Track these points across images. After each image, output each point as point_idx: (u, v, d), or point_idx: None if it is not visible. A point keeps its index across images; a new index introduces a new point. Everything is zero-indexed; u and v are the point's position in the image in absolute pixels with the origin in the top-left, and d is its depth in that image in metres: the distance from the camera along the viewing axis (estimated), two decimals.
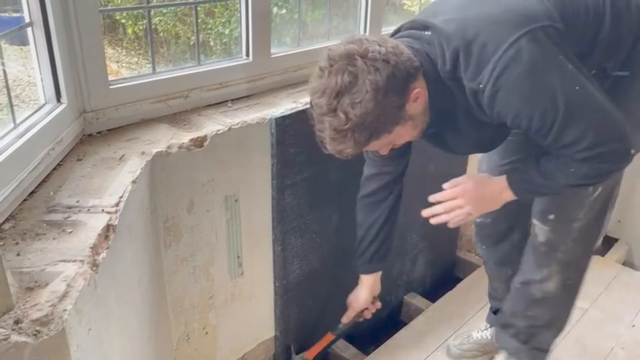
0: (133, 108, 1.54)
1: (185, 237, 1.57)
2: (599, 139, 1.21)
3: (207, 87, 1.70)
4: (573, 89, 1.18)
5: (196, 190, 1.55)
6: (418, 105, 1.23)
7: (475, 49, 1.17)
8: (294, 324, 2.00)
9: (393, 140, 1.28)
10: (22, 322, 0.82)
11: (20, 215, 1.10)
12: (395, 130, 1.23)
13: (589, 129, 1.20)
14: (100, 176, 1.27)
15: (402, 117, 1.21)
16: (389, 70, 1.14)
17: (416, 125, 1.28)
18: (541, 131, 1.21)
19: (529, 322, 1.73)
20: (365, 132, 1.17)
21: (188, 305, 1.66)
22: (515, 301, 1.75)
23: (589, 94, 1.20)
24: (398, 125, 1.23)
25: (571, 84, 1.18)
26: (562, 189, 1.35)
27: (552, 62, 1.17)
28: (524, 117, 1.20)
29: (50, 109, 1.30)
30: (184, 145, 1.47)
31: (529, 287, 1.68)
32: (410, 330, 2.23)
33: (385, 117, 1.17)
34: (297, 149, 1.73)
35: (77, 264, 0.96)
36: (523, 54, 1.14)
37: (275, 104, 1.76)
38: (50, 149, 1.25)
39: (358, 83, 1.13)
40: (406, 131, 1.27)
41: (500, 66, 1.15)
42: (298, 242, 1.88)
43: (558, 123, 1.18)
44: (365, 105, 1.13)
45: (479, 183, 1.47)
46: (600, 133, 1.21)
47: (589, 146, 1.20)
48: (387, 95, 1.15)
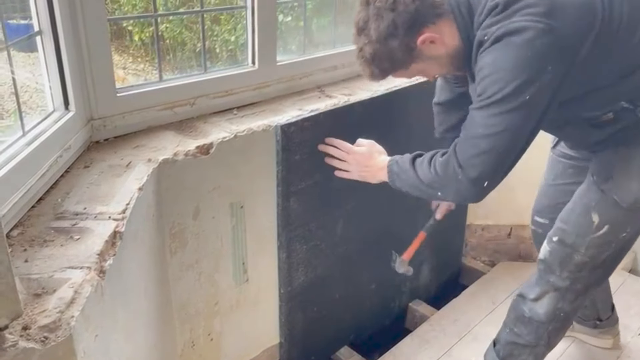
0: (140, 115, 1.55)
1: (190, 244, 1.58)
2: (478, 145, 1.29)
3: (213, 95, 1.71)
4: (524, 93, 1.22)
5: (202, 196, 1.56)
6: (437, 48, 1.33)
7: (509, 7, 1.23)
8: (298, 331, 2.00)
9: (415, 73, 1.43)
10: (30, 329, 0.83)
11: (29, 222, 1.12)
12: (413, 67, 1.38)
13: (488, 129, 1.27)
14: (107, 183, 1.28)
15: (415, 56, 1.34)
16: (390, 18, 1.28)
17: (442, 64, 1.39)
18: (479, 92, 1.28)
19: (511, 338, 1.71)
20: (380, 66, 1.36)
21: (193, 312, 1.67)
22: (509, 312, 1.75)
23: (526, 112, 1.24)
24: (415, 64, 1.37)
25: (528, 88, 1.22)
26: (417, 185, 1.44)
27: (538, 65, 1.21)
28: (486, 71, 1.26)
29: (59, 117, 1.32)
30: (190, 153, 1.48)
31: (521, 302, 1.68)
32: (415, 337, 2.22)
33: (394, 57, 1.33)
34: (302, 156, 1.74)
35: (84, 270, 0.97)
36: (525, 35, 1.19)
37: (281, 111, 1.77)
38: (58, 156, 1.26)
39: (367, 26, 1.32)
40: (429, 68, 1.40)
41: (500, 32, 1.22)
42: (303, 249, 1.88)
43: (489, 99, 1.25)
44: (373, 46, 1.32)
45: (369, 154, 1.62)
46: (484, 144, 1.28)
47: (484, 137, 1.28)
48: (390, 39, 1.30)
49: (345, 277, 2.09)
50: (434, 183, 1.39)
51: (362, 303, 2.23)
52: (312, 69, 1.99)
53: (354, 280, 2.15)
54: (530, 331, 1.66)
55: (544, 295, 1.61)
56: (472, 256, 2.80)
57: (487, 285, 2.55)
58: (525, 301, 1.66)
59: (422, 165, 1.42)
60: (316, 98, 1.92)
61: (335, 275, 2.04)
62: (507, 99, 1.23)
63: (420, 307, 2.44)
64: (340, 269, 2.05)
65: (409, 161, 1.47)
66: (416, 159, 1.46)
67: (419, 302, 2.47)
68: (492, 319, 2.32)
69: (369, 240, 2.13)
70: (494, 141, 1.27)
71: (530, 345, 1.67)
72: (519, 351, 1.70)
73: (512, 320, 1.71)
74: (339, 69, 2.10)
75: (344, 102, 1.86)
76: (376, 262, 2.22)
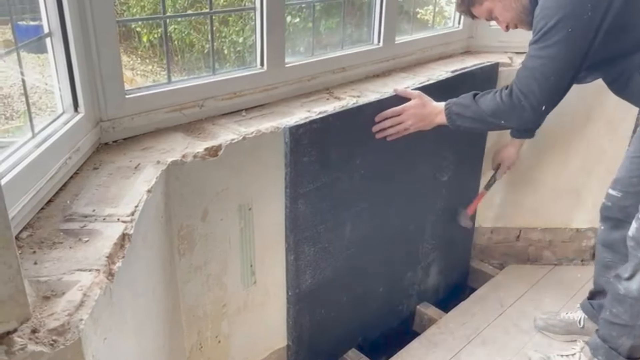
0: (148, 117, 1.55)
1: (199, 246, 1.58)
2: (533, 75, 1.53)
3: (221, 97, 1.71)
4: (567, 28, 1.46)
5: (210, 198, 1.56)
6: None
7: None
8: (306, 333, 1.99)
9: (488, 13, 1.69)
10: (39, 332, 0.83)
11: (38, 223, 1.12)
12: (486, 5, 1.67)
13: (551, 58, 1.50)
14: (116, 185, 1.28)
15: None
16: None
17: (507, 8, 1.64)
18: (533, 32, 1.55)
19: (609, 318, 1.81)
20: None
21: (201, 314, 1.67)
22: (608, 294, 1.84)
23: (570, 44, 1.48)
24: (487, 1, 1.66)
25: (568, 23, 1.46)
26: (483, 117, 1.63)
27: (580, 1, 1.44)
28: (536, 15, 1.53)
29: (68, 119, 1.32)
30: (198, 155, 1.48)
31: (617, 282, 1.76)
32: (423, 340, 2.21)
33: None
34: (310, 158, 1.73)
35: (93, 273, 0.97)
36: None
37: (289, 113, 1.76)
38: (67, 158, 1.26)
39: None
40: (498, 10, 1.67)
41: None
42: (311, 251, 1.87)
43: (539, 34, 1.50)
44: None
45: (422, 105, 1.78)
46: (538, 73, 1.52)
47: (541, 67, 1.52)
48: None
49: (353, 280, 2.08)
50: (499, 112, 1.60)
51: (370, 305, 2.22)
52: (321, 70, 1.98)
53: (362, 283, 2.14)
54: (626, 309, 1.75)
55: (637, 272, 1.69)
56: (480, 259, 2.78)
57: (496, 288, 2.53)
58: (621, 280, 1.75)
59: (486, 98, 1.62)
60: (324, 100, 1.91)
61: (343, 278, 2.03)
62: (551, 31, 1.47)
63: (428, 310, 2.43)
64: (349, 271, 2.04)
65: (469, 98, 1.66)
66: (476, 95, 1.65)
67: (427, 305, 2.46)
68: (500, 321, 2.30)
69: (378, 242, 2.12)
70: (545, 69, 1.51)
71: (628, 325, 1.76)
72: (618, 332, 1.80)
73: (609, 301, 1.81)
74: (347, 70, 2.09)
75: (353, 104, 1.85)
76: (384, 265, 2.21)
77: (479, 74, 2.27)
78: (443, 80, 2.13)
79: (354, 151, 1.87)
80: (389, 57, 2.25)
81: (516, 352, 2.13)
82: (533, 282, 2.56)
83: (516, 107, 1.57)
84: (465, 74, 2.23)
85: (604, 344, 1.85)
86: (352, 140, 1.84)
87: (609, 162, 2.44)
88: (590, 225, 2.66)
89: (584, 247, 2.73)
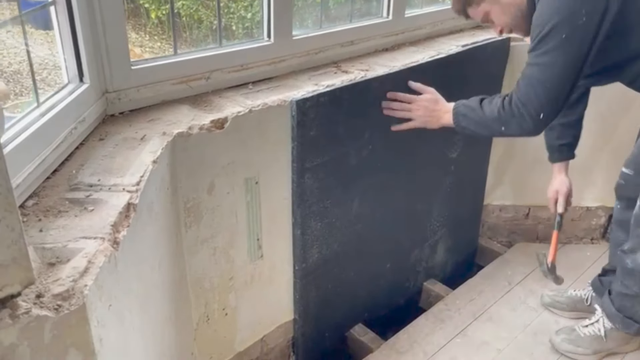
0: (154, 89, 1.54)
1: (205, 219, 1.58)
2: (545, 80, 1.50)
3: (228, 69, 1.69)
4: (561, 34, 1.44)
5: (217, 171, 1.55)
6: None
7: None
8: (313, 308, 2.00)
9: (484, 15, 1.65)
10: (43, 297, 0.83)
11: (43, 192, 1.12)
12: (483, 6, 1.63)
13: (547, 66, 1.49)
14: (122, 156, 1.28)
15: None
16: None
17: (505, 11, 1.61)
18: (530, 39, 1.53)
19: (622, 290, 1.84)
20: None
21: (208, 287, 1.68)
22: (618, 267, 1.86)
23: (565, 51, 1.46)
24: (484, 3, 1.62)
25: (562, 30, 1.43)
26: (486, 122, 1.63)
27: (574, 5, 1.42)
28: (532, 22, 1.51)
29: (73, 89, 1.31)
30: (204, 127, 1.47)
31: (624, 255, 1.79)
32: (429, 316, 2.21)
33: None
34: (317, 131, 1.71)
35: (98, 241, 0.97)
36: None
37: (297, 87, 1.75)
38: (72, 128, 1.26)
39: None
40: (495, 13, 1.63)
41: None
42: (318, 226, 1.87)
43: (534, 42, 1.49)
44: None
45: (434, 100, 1.77)
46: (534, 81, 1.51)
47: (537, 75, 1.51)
48: None
49: (361, 256, 2.08)
50: (500, 119, 1.59)
51: (376, 281, 2.22)
52: (329, 43, 1.96)
53: (369, 259, 2.14)
54: (636, 282, 1.77)
55: (638, 248, 1.73)
56: (488, 237, 2.77)
57: (504, 265, 2.52)
58: (627, 254, 1.78)
59: (490, 104, 1.62)
60: (332, 73, 1.89)
61: (350, 253, 2.03)
62: (545, 39, 1.46)
63: (435, 286, 2.43)
64: (356, 247, 2.04)
65: (476, 101, 1.65)
66: (483, 100, 1.65)
67: (434, 282, 2.46)
68: (508, 299, 2.30)
69: (385, 219, 2.11)
70: (542, 76, 1.50)
71: (639, 295, 1.79)
72: (631, 302, 1.84)
73: (620, 274, 1.84)
74: (356, 44, 2.06)
75: (361, 78, 1.83)
76: (391, 241, 2.20)
77: (489, 48, 2.23)
78: (453, 54, 2.10)
79: (362, 126, 1.85)
80: (399, 31, 2.21)
81: (523, 329, 2.13)
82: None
83: (515, 116, 1.56)
84: (475, 49, 2.19)
85: (618, 314, 1.89)
86: (360, 114, 1.82)
87: (620, 140, 2.41)
88: (601, 203, 2.64)
89: (593, 225, 2.70)
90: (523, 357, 2.00)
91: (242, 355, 1.90)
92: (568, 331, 2.02)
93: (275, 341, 2.00)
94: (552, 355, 2.00)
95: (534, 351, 2.02)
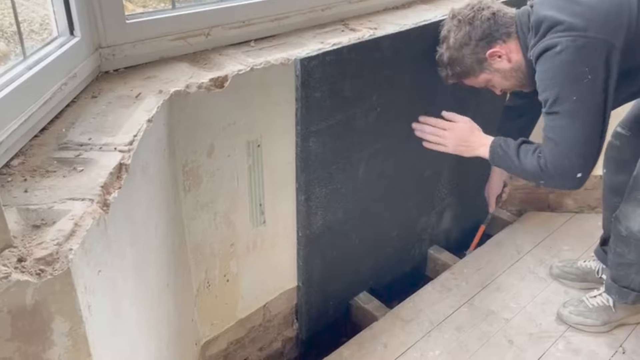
0: (151, 45, 1.46)
1: (205, 183, 1.52)
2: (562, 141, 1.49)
3: (229, 25, 1.60)
4: (570, 97, 1.45)
5: (217, 133, 1.48)
6: (502, 63, 1.61)
7: (542, 28, 1.48)
8: (317, 275, 1.95)
9: (484, 83, 1.69)
10: (25, 261, 0.78)
11: (30, 151, 1.05)
12: (483, 77, 1.66)
13: (563, 127, 1.49)
14: (115, 114, 1.21)
15: (484, 67, 1.63)
16: (466, 30, 1.59)
17: (507, 78, 1.64)
18: (542, 102, 1.53)
19: (616, 259, 1.79)
20: (454, 70, 1.66)
21: (208, 252, 1.63)
22: (612, 235, 1.81)
23: (581, 110, 1.45)
24: (483, 73, 1.65)
25: (571, 92, 1.44)
26: (524, 174, 1.63)
27: (570, 68, 1.43)
28: (537, 83, 1.52)
29: (63, 42, 1.23)
30: (203, 85, 1.39)
31: (617, 224, 1.74)
32: (436, 284, 2.17)
33: (466, 65, 1.63)
34: (323, 93, 1.63)
35: (86, 202, 0.91)
36: (561, 46, 1.43)
37: (301, 45, 1.66)
38: (62, 84, 1.18)
39: (450, 35, 1.63)
40: (497, 80, 1.66)
41: (539, 50, 1.49)
42: (322, 192, 1.81)
43: (546, 107, 1.50)
44: (450, 52, 1.64)
45: (470, 130, 1.75)
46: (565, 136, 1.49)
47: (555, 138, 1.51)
48: (464, 48, 1.61)
49: (366, 223, 2.02)
50: (539, 176, 1.57)
51: (382, 249, 2.17)
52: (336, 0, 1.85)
53: (375, 226, 2.08)
54: (631, 249, 1.73)
55: (635, 212, 1.68)
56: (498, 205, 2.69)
57: (513, 234, 2.46)
58: (620, 220, 1.73)
59: (526, 156, 1.58)
60: (339, 31, 1.79)
61: (355, 220, 1.97)
62: (555, 105, 1.47)
63: (442, 255, 2.38)
64: (361, 214, 1.98)
65: (515, 149, 1.62)
66: (521, 147, 1.61)
67: (441, 250, 2.40)
68: (516, 268, 2.25)
69: (392, 185, 2.04)
70: (567, 138, 1.49)
71: (635, 263, 1.75)
72: (625, 270, 1.79)
73: (613, 242, 1.79)
74: (365, 0, 1.96)
75: (369, 36, 1.73)
76: (398, 208, 2.14)
77: None
78: None
79: (369, 87, 1.76)
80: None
81: (531, 299, 2.08)
82: (552, 229, 2.48)
83: (555, 177, 1.55)
84: None
85: (614, 284, 1.84)
86: (368, 75, 1.74)
87: None
88: None
89: None
90: (531, 327, 1.95)
91: (244, 322, 1.86)
92: (576, 303, 1.97)
93: (278, 308, 1.97)
94: (561, 326, 1.95)
95: (542, 322, 1.98)
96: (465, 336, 1.92)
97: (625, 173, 1.80)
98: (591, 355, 1.84)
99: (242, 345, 1.89)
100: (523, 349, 1.86)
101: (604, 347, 1.87)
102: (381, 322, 1.99)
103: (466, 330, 1.95)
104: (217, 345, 1.80)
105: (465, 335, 1.93)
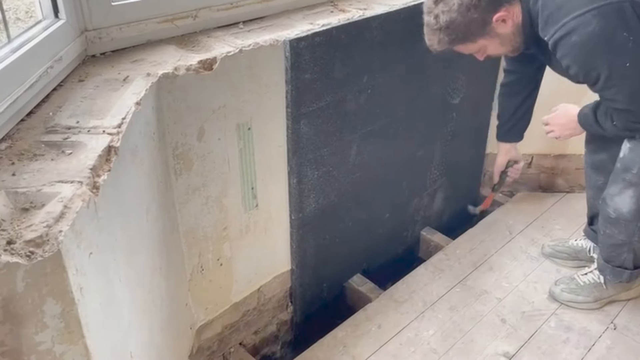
0: (138, 28, 1.44)
1: (196, 166, 1.51)
2: (631, 104, 1.47)
3: (217, 7, 1.58)
4: (623, 64, 1.40)
5: (206, 116, 1.47)
6: (506, 27, 1.51)
7: (552, 5, 1.42)
8: (310, 258, 1.96)
9: (480, 49, 1.58)
10: (14, 243, 0.77)
11: (17, 135, 1.04)
12: (480, 42, 1.54)
13: (625, 95, 1.45)
14: (103, 97, 1.19)
15: (486, 32, 1.51)
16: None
17: (504, 43, 1.56)
18: (588, 84, 1.50)
19: (607, 240, 1.79)
20: (450, 35, 1.50)
21: (201, 236, 1.62)
22: (600, 216, 1.81)
23: (637, 69, 1.40)
24: (482, 39, 1.53)
25: (622, 60, 1.39)
26: (608, 132, 1.62)
27: (610, 39, 1.37)
28: (575, 70, 1.46)
29: (48, 25, 1.22)
30: (192, 67, 1.38)
31: (605, 204, 1.74)
32: (429, 266, 2.18)
33: (467, 28, 1.48)
34: (313, 74, 1.62)
35: (75, 185, 0.90)
36: (583, 27, 1.36)
37: (290, 26, 1.64)
38: (48, 67, 1.17)
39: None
40: (493, 46, 1.56)
41: (562, 32, 1.40)
42: (314, 175, 1.80)
43: (599, 85, 1.45)
44: (451, 14, 1.46)
45: (564, 114, 1.81)
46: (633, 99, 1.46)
47: (622, 106, 1.49)
48: (471, 11, 1.45)
49: (358, 205, 2.03)
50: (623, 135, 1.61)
51: (375, 231, 2.18)
52: None
53: (367, 209, 2.08)
54: (621, 230, 1.73)
55: (622, 193, 1.67)
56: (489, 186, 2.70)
57: (505, 215, 2.48)
58: (608, 202, 1.73)
59: (606, 120, 1.59)
60: (329, 12, 1.78)
61: (347, 203, 1.97)
62: (611, 78, 1.42)
63: (434, 236, 2.39)
64: (353, 196, 1.98)
65: (592, 117, 1.64)
66: (596, 114, 1.62)
67: (434, 232, 2.41)
68: (508, 248, 2.26)
69: (384, 167, 2.04)
70: (632, 101, 1.46)
71: (625, 242, 1.75)
72: (617, 250, 1.79)
73: (602, 224, 1.79)
74: None
75: (359, 17, 1.72)
76: (390, 190, 2.14)
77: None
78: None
79: (360, 69, 1.75)
80: None
81: (523, 278, 2.10)
82: (543, 209, 2.49)
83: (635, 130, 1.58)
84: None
85: (607, 265, 1.85)
86: (358, 56, 1.73)
87: None
88: None
89: None
90: (523, 306, 1.97)
91: (239, 306, 1.87)
92: (567, 281, 1.99)
93: (272, 292, 1.97)
94: (553, 304, 1.97)
95: (534, 300, 1.99)
96: (459, 316, 1.94)
97: (606, 151, 1.82)
98: (583, 332, 1.86)
99: (236, 329, 1.90)
100: (516, 327, 1.88)
101: (596, 323, 1.89)
102: (375, 304, 2.00)
103: (459, 310, 1.96)
104: (212, 329, 1.80)
105: (458, 314, 1.94)
